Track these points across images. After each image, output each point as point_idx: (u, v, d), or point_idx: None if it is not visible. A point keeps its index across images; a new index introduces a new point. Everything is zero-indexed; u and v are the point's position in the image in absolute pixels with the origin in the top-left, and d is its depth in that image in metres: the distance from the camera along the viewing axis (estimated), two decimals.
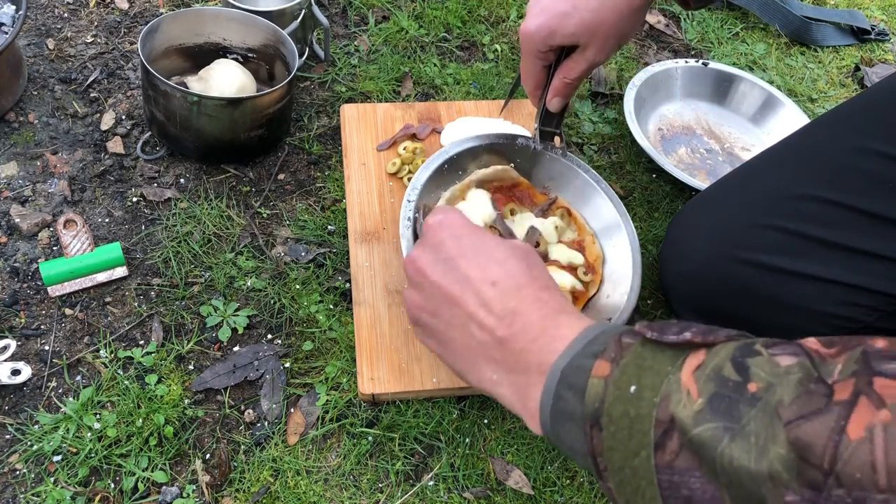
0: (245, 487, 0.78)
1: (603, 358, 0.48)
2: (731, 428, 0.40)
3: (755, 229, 0.78)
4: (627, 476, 0.45)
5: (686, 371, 0.44)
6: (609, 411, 0.46)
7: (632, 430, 0.44)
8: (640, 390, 0.45)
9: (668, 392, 0.43)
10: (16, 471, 0.76)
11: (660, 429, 0.43)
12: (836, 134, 0.79)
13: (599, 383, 0.47)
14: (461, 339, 0.59)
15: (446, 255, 0.61)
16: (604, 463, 0.46)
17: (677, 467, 0.42)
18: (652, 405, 0.44)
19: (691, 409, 0.42)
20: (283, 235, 0.98)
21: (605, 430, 0.46)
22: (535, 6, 0.79)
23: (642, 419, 0.44)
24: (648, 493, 0.43)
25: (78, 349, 0.85)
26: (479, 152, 0.93)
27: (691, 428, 0.41)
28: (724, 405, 0.41)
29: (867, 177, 0.73)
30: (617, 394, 0.46)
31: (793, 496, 0.37)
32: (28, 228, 0.93)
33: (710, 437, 0.40)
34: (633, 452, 0.44)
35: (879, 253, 0.72)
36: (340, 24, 1.26)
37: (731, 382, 0.41)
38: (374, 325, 0.87)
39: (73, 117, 1.06)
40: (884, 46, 1.45)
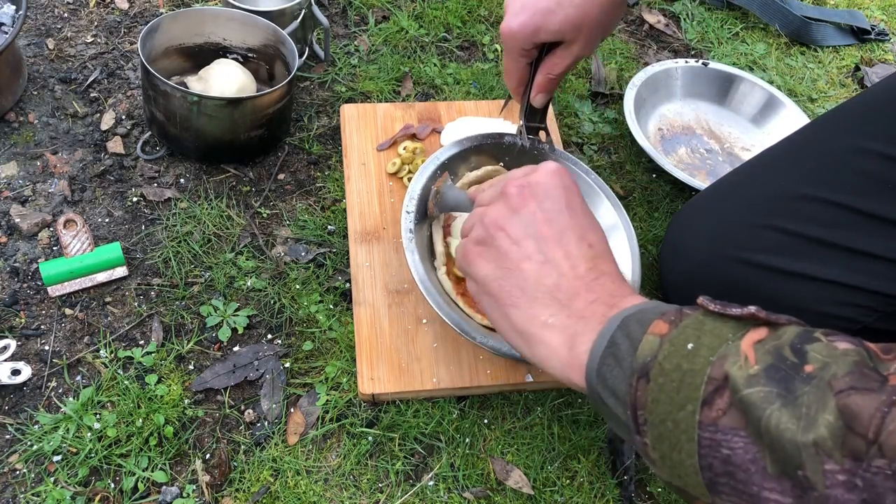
0: (245, 487, 0.78)
1: (662, 319, 0.48)
2: (783, 395, 0.40)
3: (755, 229, 0.78)
4: (668, 429, 0.44)
5: (747, 341, 0.44)
6: (662, 364, 0.45)
7: (682, 384, 0.44)
8: (698, 348, 0.45)
9: (725, 353, 0.44)
10: (16, 471, 0.76)
11: (711, 385, 0.43)
12: (836, 134, 0.79)
13: (655, 340, 0.47)
14: (534, 273, 0.57)
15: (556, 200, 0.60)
16: (644, 416, 0.46)
17: (721, 425, 0.42)
18: (707, 363, 0.44)
19: (746, 372, 0.42)
20: (283, 235, 0.98)
21: (652, 381, 0.45)
22: (515, 3, 0.77)
23: (695, 374, 0.44)
24: (686, 449, 0.43)
25: (78, 349, 0.85)
26: (469, 154, 0.93)
27: (743, 387, 0.41)
28: (780, 376, 0.41)
29: (867, 177, 0.73)
30: (672, 349, 0.46)
31: (833, 465, 0.37)
32: (28, 228, 0.93)
33: (761, 399, 0.41)
34: (679, 405, 0.44)
35: (879, 254, 0.72)
36: (340, 24, 1.26)
37: (788, 361, 0.42)
38: (374, 325, 0.87)
39: (73, 117, 1.06)
40: (884, 46, 1.45)
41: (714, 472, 0.43)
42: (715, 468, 0.42)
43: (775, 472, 0.40)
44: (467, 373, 0.85)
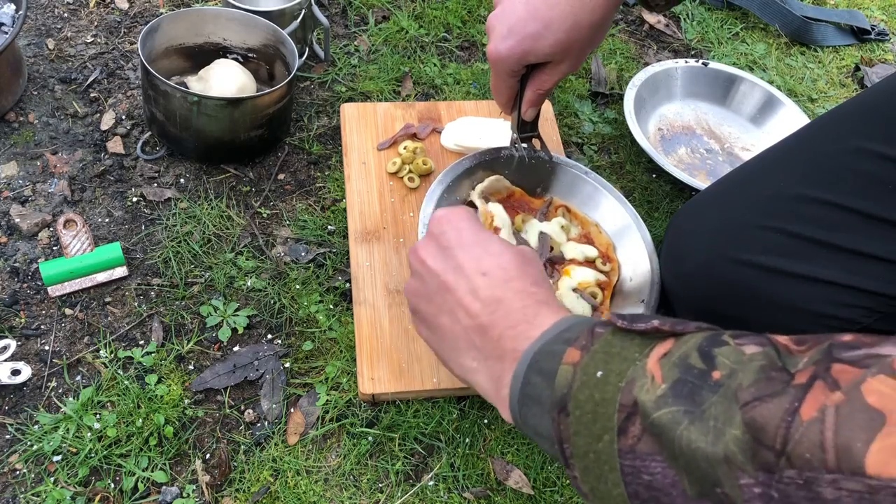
0: (245, 487, 0.78)
1: (574, 346, 0.48)
2: (690, 412, 0.40)
3: (754, 230, 0.78)
4: (591, 461, 0.45)
5: (653, 358, 0.44)
6: (576, 396, 0.46)
7: (596, 415, 0.44)
8: (607, 375, 0.45)
9: (633, 377, 0.44)
10: (16, 471, 0.76)
11: (623, 413, 0.43)
12: (835, 135, 0.79)
13: (569, 370, 0.47)
14: (449, 325, 0.61)
15: (445, 245, 0.63)
16: (570, 449, 0.46)
17: (639, 451, 0.42)
18: (616, 389, 0.44)
19: (654, 394, 0.42)
20: (283, 235, 0.98)
21: (571, 415, 0.46)
22: (501, 26, 0.75)
23: (607, 403, 0.44)
24: (611, 479, 0.43)
25: (78, 349, 0.85)
26: (473, 171, 0.94)
27: (652, 411, 0.41)
28: (687, 390, 0.41)
29: (866, 178, 0.73)
30: (584, 379, 0.46)
31: (747, 479, 0.37)
32: (28, 228, 0.93)
33: (669, 420, 0.40)
34: (596, 437, 0.44)
35: (878, 255, 0.72)
36: (340, 24, 1.26)
37: (695, 370, 0.42)
38: (374, 325, 0.87)
39: (73, 117, 1.06)
40: (884, 46, 1.45)
41: (641, 500, 0.42)
42: (641, 495, 0.42)
43: (694, 493, 0.40)
44: None
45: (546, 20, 0.73)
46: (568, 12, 0.73)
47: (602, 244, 0.93)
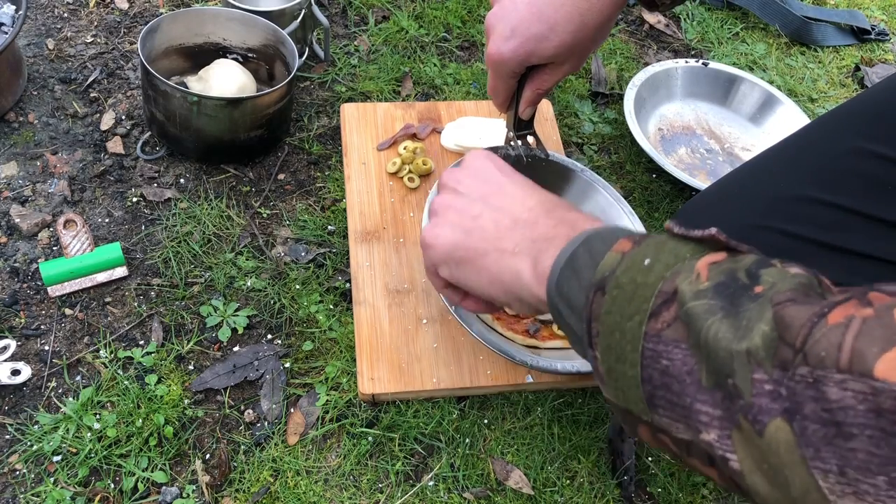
0: (245, 487, 0.78)
1: (628, 238, 0.49)
2: (726, 308, 0.41)
3: (754, 230, 0.78)
4: (615, 340, 0.45)
5: (703, 261, 0.45)
6: (619, 277, 0.46)
7: (634, 296, 0.45)
8: (654, 263, 0.45)
9: (679, 269, 0.44)
10: (16, 471, 0.76)
11: (661, 298, 0.44)
12: (835, 136, 0.79)
13: (616, 256, 0.48)
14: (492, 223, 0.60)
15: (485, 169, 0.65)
16: (597, 328, 0.46)
17: (665, 337, 0.43)
18: (660, 277, 0.44)
19: (696, 287, 0.42)
20: (283, 235, 0.98)
21: (608, 294, 0.46)
22: (502, 26, 0.74)
23: (647, 287, 0.45)
24: (630, 359, 0.44)
25: (78, 349, 0.85)
26: None
27: (689, 301, 0.42)
28: (728, 292, 0.42)
29: (866, 179, 0.73)
30: (630, 264, 0.46)
31: (762, 374, 0.38)
32: (28, 228, 0.93)
33: (704, 311, 0.41)
34: (628, 316, 0.45)
35: (878, 255, 0.72)
36: (340, 24, 1.26)
37: (740, 282, 0.42)
38: (374, 325, 0.87)
39: (73, 117, 1.06)
40: (884, 46, 1.45)
41: (653, 385, 0.43)
42: (654, 380, 0.43)
43: (709, 383, 0.40)
44: (467, 373, 0.85)
45: (551, 22, 0.72)
46: (574, 14, 0.71)
47: None
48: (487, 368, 0.85)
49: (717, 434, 0.39)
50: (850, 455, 0.34)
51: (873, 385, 0.34)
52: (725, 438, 0.39)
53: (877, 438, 0.33)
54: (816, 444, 0.35)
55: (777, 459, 0.36)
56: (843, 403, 0.34)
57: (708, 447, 0.40)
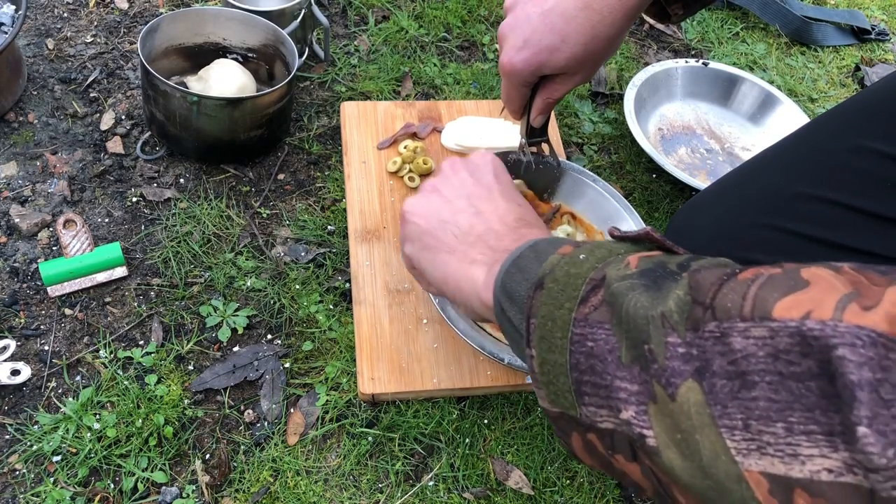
0: (245, 488, 0.78)
1: (572, 244, 0.51)
2: (648, 286, 0.42)
3: (753, 229, 0.78)
4: (547, 331, 0.46)
5: (635, 255, 0.46)
6: (555, 272, 0.48)
7: (566, 286, 0.46)
8: (587, 258, 0.47)
9: (610, 261, 0.46)
10: (15, 471, 0.76)
11: (590, 285, 0.45)
12: (835, 133, 0.79)
13: (558, 257, 0.49)
14: (467, 224, 0.62)
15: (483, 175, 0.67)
16: (535, 323, 0.47)
17: (591, 319, 0.43)
18: (592, 268, 0.46)
19: (623, 272, 0.44)
20: (283, 235, 0.98)
21: (545, 288, 0.47)
22: (515, 36, 0.74)
23: (579, 276, 0.46)
24: (559, 346, 0.45)
25: (78, 349, 0.85)
26: None
27: (615, 282, 0.43)
28: (654, 276, 0.43)
29: (865, 176, 0.73)
30: (567, 261, 0.48)
31: (675, 337, 0.38)
32: (28, 228, 0.93)
33: (626, 288, 0.42)
34: (559, 304, 0.46)
35: (878, 252, 0.72)
36: (340, 24, 1.26)
37: (668, 269, 0.44)
38: (374, 325, 0.87)
39: (72, 117, 1.06)
40: (884, 46, 1.45)
41: (580, 371, 0.43)
42: (580, 364, 0.43)
43: (628, 359, 0.41)
44: (467, 373, 0.84)
45: (563, 33, 0.72)
46: (586, 26, 0.72)
47: None
48: (487, 369, 0.85)
49: (635, 410, 0.40)
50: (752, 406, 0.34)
51: (771, 326, 0.34)
52: (642, 414, 0.39)
53: (775, 384, 0.34)
54: (723, 401, 0.35)
55: (689, 422, 0.36)
56: (747, 352, 0.35)
57: (627, 428, 0.40)
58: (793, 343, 0.33)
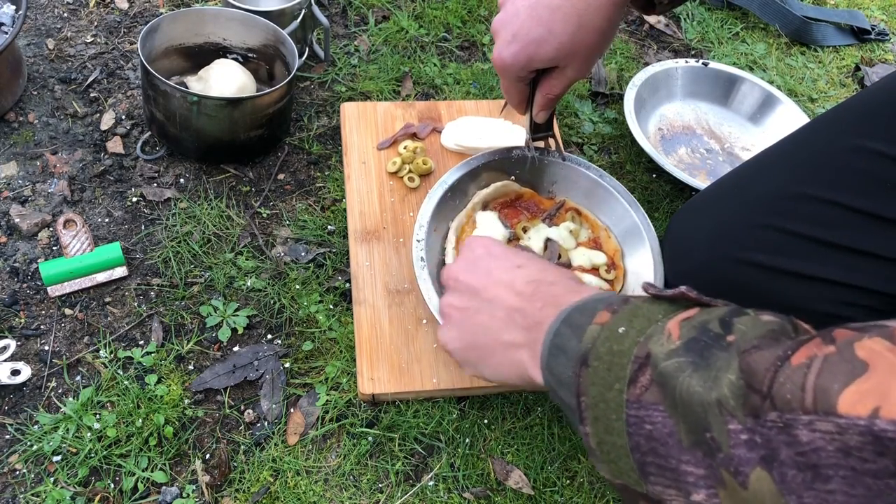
0: (245, 487, 0.78)
1: (606, 308, 0.50)
2: (696, 363, 0.41)
3: (753, 229, 0.78)
4: (601, 412, 0.46)
5: (674, 320, 0.45)
6: (597, 349, 0.47)
7: (612, 364, 0.46)
8: (628, 330, 0.47)
9: (651, 333, 0.45)
10: (16, 471, 0.76)
11: (636, 364, 0.44)
12: (835, 134, 0.79)
13: (596, 329, 0.49)
14: (487, 317, 0.62)
15: (476, 257, 0.67)
16: (585, 401, 0.47)
17: (644, 401, 0.43)
18: (634, 343, 0.45)
19: (667, 347, 0.43)
20: (283, 235, 0.98)
21: (590, 366, 0.47)
22: (505, 31, 0.75)
23: (622, 354, 0.45)
24: (616, 428, 0.44)
25: (78, 349, 0.85)
26: (479, 172, 0.94)
27: (661, 361, 0.43)
28: (699, 347, 0.42)
29: (865, 177, 0.73)
30: (607, 334, 0.47)
31: (735, 424, 0.38)
32: (28, 228, 0.93)
33: (675, 369, 0.42)
34: (609, 385, 0.45)
35: (878, 253, 0.72)
36: (340, 24, 1.26)
37: (712, 333, 0.43)
38: (374, 325, 0.87)
39: (72, 117, 1.06)
40: (884, 46, 1.45)
41: (641, 452, 0.43)
42: (641, 447, 0.43)
43: (689, 442, 0.40)
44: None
45: (549, 25, 0.72)
46: (572, 14, 0.72)
47: (610, 250, 0.92)
48: None
49: (706, 494, 0.39)
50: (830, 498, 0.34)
51: (838, 422, 0.34)
52: (713, 497, 0.39)
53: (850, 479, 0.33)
54: (798, 491, 0.35)
55: None
56: (815, 445, 0.34)
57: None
58: (865, 442, 0.33)
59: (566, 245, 0.91)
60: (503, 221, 0.92)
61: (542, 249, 0.91)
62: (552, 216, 0.94)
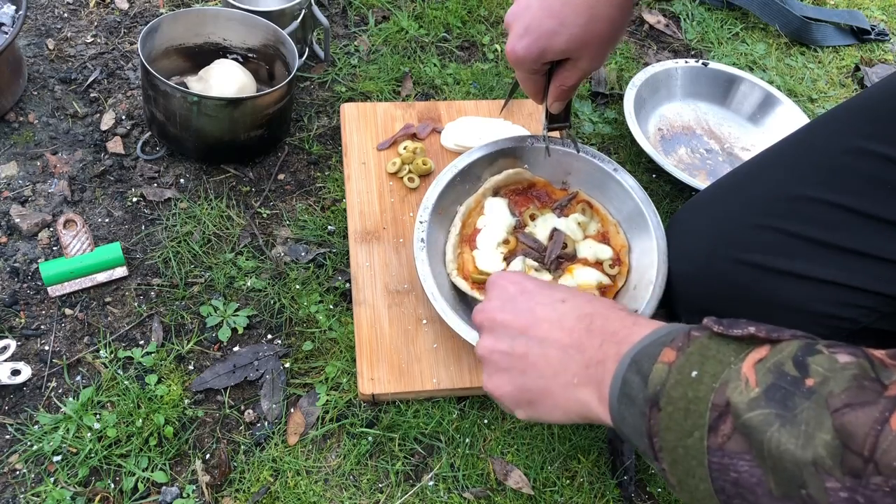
0: (245, 487, 0.78)
1: (671, 346, 0.49)
2: (782, 415, 0.41)
3: (753, 230, 0.78)
4: (680, 455, 0.46)
5: (748, 363, 0.45)
6: (669, 392, 0.47)
7: (688, 412, 0.46)
8: (701, 375, 0.46)
9: (727, 379, 0.45)
10: (16, 471, 0.76)
11: (715, 412, 0.44)
12: (834, 135, 0.79)
13: (663, 368, 0.48)
14: (541, 362, 0.59)
15: (511, 296, 0.64)
16: (659, 443, 0.47)
17: (728, 450, 0.43)
18: (710, 389, 0.45)
19: (747, 396, 0.43)
20: (283, 235, 0.98)
21: (663, 410, 0.47)
22: (518, 24, 0.75)
23: (699, 401, 0.45)
24: (698, 474, 0.45)
25: (78, 349, 0.85)
26: (494, 158, 0.94)
27: (744, 413, 0.42)
28: (780, 395, 0.42)
29: (865, 178, 0.73)
30: (678, 377, 0.47)
31: (834, 483, 0.38)
32: (28, 228, 0.93)
33: (760, 422, 0.42)
34: (687, 433, 0.45)
35: (878, 254, 0.72)
36: (340, 24, 1.26)
37: (789, 377, 0.43)
38: (374, 325, 0.87)
39: (73, 117, 1.06)
40: (884, 46, 1.45)
41: (727, 495, 0.44)
42: (727, 491, 0.44)
43: (779, 493, 0.41)
44: (467, 374, 0.85)
45: (561, 16, 0.73)
46: (583, 5, 0.72)
47: (617, 245, 0.92)
48: None
49: None
50: None
51: None
52: None
53: None
54: None
55: None
56: None
57: None
58: None
59: (574, 237, 0.91)
60: (511, 209, 0.93)
61: (548, 238, 0.91)
62: (563, 207, 0.94)
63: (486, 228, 0.91)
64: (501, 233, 0.91)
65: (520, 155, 0.95)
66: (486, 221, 0.92)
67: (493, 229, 0.91)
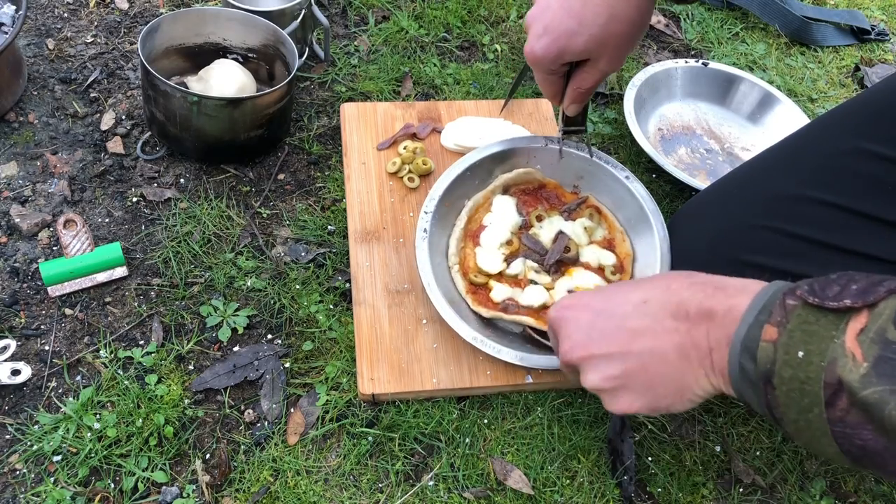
0: (245, 487, 0.78)
1: (770, 322, 0.51)
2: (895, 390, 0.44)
3: (754, 230, 0.78)
4: (803, 426, 0.49)
5: (850, 335, 0.47)
6: (780, 373, 0.50)
7: (803, 392, 0.48)
8: (808, 356, 0.48)
9: (834, 356, 0.47)
10: (16, 471, 0.76)
11: (829, 390, 0.47)
12: (834, 136, 0.79)
13: (769, 347, 0.51)
14: (660, 369, 0.59)
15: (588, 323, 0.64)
16: (780, 415, 0.51)
17: (849, 422, 0.46)
18: (820, 369, 0.48)
19: (857, 373, 0.46)
20: (283, 235, 0.98)
21: (777, 388, 0.50)
22: (537, 24, 0.75)
23: (812, 381, 0.48)
24: (824, 441, 0.48)
25: (78, 349, 0.85)
26: (507, 156, 0.94)
27: (859, 391, 0.45)
28: (889, 368, 0.45)
29: (865, 179, 0.73)
30: (786, 358, 0.50)
31: None
32: (28, 228, 0.93)
33: (877, 400, 0.44)
34: (806, 409, 0.49)
35: (878, 255, 0.72)
36: (340, 24, 1.26)
37: (894, 346, 0.45)
38: (374, 325, 0.87)
39: (73, 117, 1.06)
40: (884, 46, 1.45)
41: (855, 456, 0.47)
42: (854, 453, 0.47)
43: None
44: (467, 373, 0.85)
45: (580, 16, 0.73)
46: (603, 5, 0.72)
47: (622, 253, 0.92)
48: (487, 368, 0.85)
49: None
50: None
51: None
52: None
53: None
54: None
55: None
56: None
57: None
58: None
59: (579, 241, 0.91)
60: (518, 209, 0.93)
61: (552, 241, 0.91)
62: (571, 210, 0.94)
63: (491, 226, 0.91)
64: (506, 232, 0.91)
65: (533, 154, 0.95)
66: (493, 219, 0.92)
67: (498, 227, 0.91)
